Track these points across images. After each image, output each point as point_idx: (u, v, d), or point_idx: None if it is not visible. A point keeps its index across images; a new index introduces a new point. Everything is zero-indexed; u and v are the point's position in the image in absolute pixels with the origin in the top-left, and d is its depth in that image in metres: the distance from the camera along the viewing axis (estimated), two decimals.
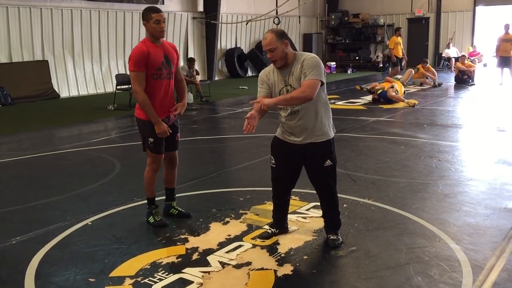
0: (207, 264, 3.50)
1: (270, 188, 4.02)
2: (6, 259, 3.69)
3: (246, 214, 4.48)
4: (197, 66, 14.80)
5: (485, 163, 6.19)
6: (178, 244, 3.86)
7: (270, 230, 3.99)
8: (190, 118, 10.19)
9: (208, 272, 3.39)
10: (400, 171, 5.81)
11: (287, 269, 3.41)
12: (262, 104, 3.43)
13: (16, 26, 13.06)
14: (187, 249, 3.76)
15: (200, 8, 17.98)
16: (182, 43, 17.63)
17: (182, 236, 4.01)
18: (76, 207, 4.79)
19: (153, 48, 3.97)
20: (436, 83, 14.78)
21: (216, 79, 18.44)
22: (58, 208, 4.81)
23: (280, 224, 4.00)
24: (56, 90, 13.83)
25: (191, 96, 12.63)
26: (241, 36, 19.89)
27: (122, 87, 12.10)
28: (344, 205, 4.55)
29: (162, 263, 3.53)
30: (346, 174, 5.62)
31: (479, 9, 21.19)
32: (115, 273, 3.40)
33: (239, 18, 19.30)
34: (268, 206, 4.50)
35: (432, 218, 4.27)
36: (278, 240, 3.88)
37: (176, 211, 4.44)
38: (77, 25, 14.32)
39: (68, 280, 3.32)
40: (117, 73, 14.51)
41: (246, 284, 3.23)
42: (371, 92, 11.98)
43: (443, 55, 20.40)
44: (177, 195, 4.54)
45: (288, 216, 4.09)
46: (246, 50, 19.90)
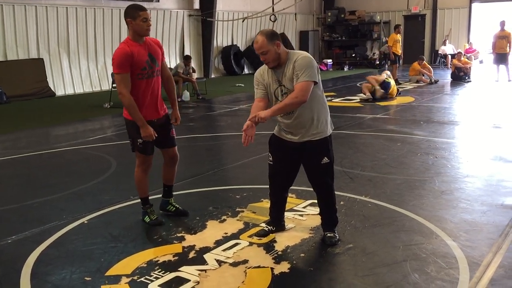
0: (204, 262, 3.49)
1: (266, 186, 4.01)
2: (2, 258, 3.67)
3: (243, 212, 4.47)
4: (193, 64, 14.76)
5: (481, 160, 6.20)
6: (175, 243, 3.84)
7: (266, 227, 3.98)
8: (186, 116, 10.16)
9: (205, 270, 3.38)
10: (397, 168, 5.81)
11: (284, 266, 3.41)
12: (259, 118, 3.39)
13: (11, 24, 12.99)
14: (183, 247, 3.75)
15: (196, 5, 17.94)
16: (178, 41, 17.59)
17: (178, 235, 3.99)
18: (72, 206, 4.77)
19: (136, 47, 3.88)
20: (433, 80, 14.81)
21: (212, 76, 18.42)
22: (54, 206, 4.79)
23: (277, 222, 4.00)
24: (51, 88, 13.78)
25: (187, 94, 12.61)
26: (237, 33, 19.86)
27: None
28: (341, 202, 4.55)
29: (159, 262, 3.52)
30: (343, 172, 5.61)
31: (475, 6, 21.23)
32: (111, 271, 3.39)
33: (235, 16, 19.27)
34: (265, 204, 4.50)
35: (429, 215, 4.27)
36: (275, 237, 3.88)
37: (174, 208, 4.42)
38: (72, 23, 14.27)
39: (64, 279, 3.31)
40: (112, 71, 14.47)
41: (243, 282, 3.22)
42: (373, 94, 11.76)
43: (439, 52, 20.41)
44: (173, 193, 4.53)
45: (285, 213, 4.08)
46: (242, 47, 19.87)
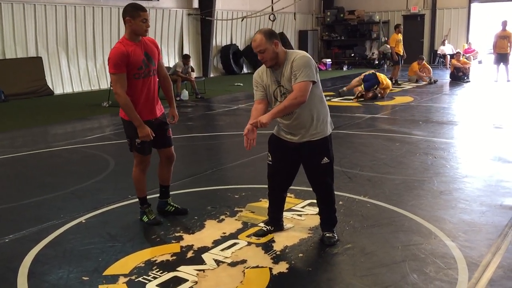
0: (202, 262, 3.48)
1: (265, 186, 3.99)
2: None
3: (241, 211, 4.45)
4: (192, 63, 14.74)
5: (480, 160, 6.19)
6: (173, 242, 3.83)
7: (265, 227, 3.97)
8: (185, 115, 10.14)
9: (203, 270, 3.36)
10: (396, 168, 5.80)
11: (282, 266, 3.39)
12: (260, 123, 3.39)
13: (9, 22, 12.97)
14: (181, 247, 3.74)
15: (195, 4, 17.92)
16: (177, 40, 17.57)
17: (176, 234, 3.98)
18: (70, 205, 4.75)
19: (132, 47, 3.85)
20: (432, 80, 14.81)
21: (211, 76, 18.40)
22: (51, 205, 4.77)
23: (275, 222, 3.98)
24: (50, 87, 13.75)
25: (186, 93, 12.59)
26: (236, 32, 19.85)
27: None
28: (340, 202, 4.53)
29: (157, 261, 3.50)
30: (342, 171, 5.60)
31: (474, 6, 21.24)
32: (109, 271, 3.37)
33: (234, 15, 19.25)
34: (264, 204, 4.48)
35: (427, 215, 4.26)
36: (273, 237, 3.86)
37: (173, 208, 4.41)
38: (71, 21, 14.25)
39: (62, 279, 3.29)
40: (108, 71, 14.42)
41: (241, 282, 3.21)
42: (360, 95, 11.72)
43: (438, 52, 20.42)
44: (171, 192, 4.52)
45: (284, 213, 4.07)
46: (241, 46, 19.86)
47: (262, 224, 4.06)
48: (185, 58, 12.94)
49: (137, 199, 4.33)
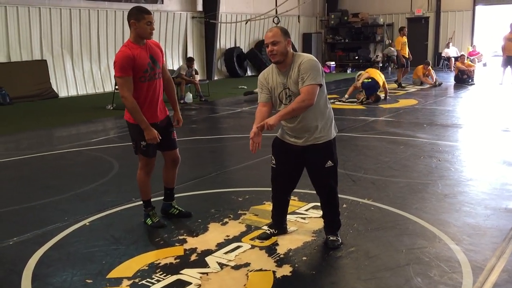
0: (206, 265, 3.48)
1: (269, 189, 3.99)
2: (3, 260, 3.66)
3: (245, 214, 4.45)
4: (196, 66, 14.77)
5: (485, 163, 6.17)
6: (177, 245, 3.83)
7: (269, 230, 3.96)
8: (189, 117, 10.16)
9: (206, 273, 3.36)
10: (400, 171, 5.78)
11: (286, 270, 3.39)
12: (268, 125, 3.41)
13: (14, 25, 13.02)
14: (185, 250, 3.74)
15: (199, 7, 17.94)
16: (181, 43, 17.61)
17: (180, 237, 3.98)
18: (74, 208, 4.76)
19: (137, 50, 3.86)
20: (437, 83, 14.77)
21: (215, 78, 18.42)
22: (56, 208, 4.78)
23: (279, 225, 3.98)
24: (54, 89, 13.79)
25: (190, 96, 12.61)
26: (240, 35, 19.86)
27: None
28: (344, 205, 4.53)
29: (160, 264, 3.50)
30: (346, 174, 5.59)
31: (479, 8, 21.18)
32: (112, 274, 3.38)
33: (238, 18, 19.27)
34: (267, 207, 4.48)
35: (432, 219, 4.25)
36: (277, 240, 3.86)
37: (177, 211, 4.41)
38: (76, 24, 14.29)
39: (65, 282, 3.29)
40: (114, 74, 14.47)
41: (245, 285, 3.20)
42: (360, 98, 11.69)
43: (442, 55, 20.37)
44: (176, 195, 4.52)
45: (287, 216, 4.07)
46: (245, 49, 19.87)
47: (265, 227, 4.06)
48: (189, 61, 12.97)
49: (141, 202, 4.33)
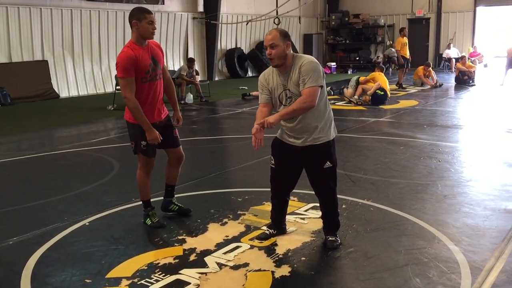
0: (205, 265, 3.48)
1: (268, 189, 4.00)
2: (3, 260, 3.67)
3: (245, 215, 4.46)
4: (197, 67, 14.78)
5: (485, 164, 6.17)
6: (176, 245, 3.83)
7: (268, 231, 3.97)
8: (189, 118, 10.17)
9: (205, 273, 3.37)
10: (400, 172, 5.78)
11: (284, 270, 3.39)
12: (268, 123, 3.42)
13: (15, 26, 13.04)
14: (184, 250, 3.74)
15: (200, 8, 17.97)
16: (182, 43, 17.62)
17: (179, 237, 3.99)
18: (74, 208, 4.77)
19: (139, 51, 3.88)
20: (437, 84, 14.77)
21: (216, 79, 18.43)
22: (55, 208, 4.79)
23: (278, 225, 3.98)
24: (55, 90, 13.81)
25: (190, 97, 12.62)
26: (241, 36, 19.88)
27: None
28: (343, 206, 4.53)
29: (159, 264, 3.51)
30: (345, 175, 5.59)
31: (480, 9, 21.18)
32: (111, 274, 3.38)
33: (239, 18, 19.28)
34: (267, 207, 4.48)
35: (431, 219, 4.25)
36: (276, 241, 3.86)
37: (176, 207, 4.44)
38: (77, 25, 14.31)
39: (65, 281, 3.30)
40: (116, 75, 14.49)
41: (243, 285, 3.21)
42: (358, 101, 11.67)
43: (443, 56, 20.37)
44: (176, 195, 4.52)
45: (286, 217, 4.07)
46: (246, 50, 19.88)
47: (264, 228, 4.06)
48: (189, 62, 12.97)
49: (140, 202, 4.34)
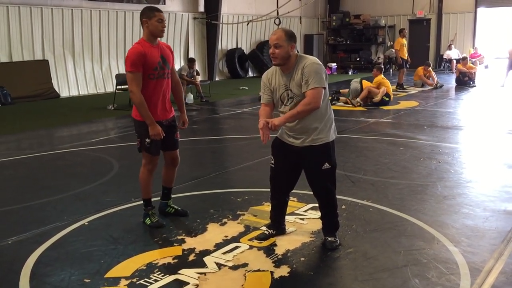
0: (204, 265, 3.48)
1: (268, 189, 4.00)
2: (2, 259, 3.67)
3: (244, 215, 4.45)
4: (197, 67, 14.79)
5: (485, 165, 6.16)
6: (175, 245, 3.83)
7: (267, 231, 3.97)
8: (190, 118, 10.04)
9: (204, 273, 3.36)
10: (399, 173, 5.78)
11: (284, 270, 3.39)
12: (272, 124, 3.45)
13: (16, 25, 13.05)
14: (183, 250, 3.74)
15: (201, 8, 17.98)
16: (182, 44, 17.62)
17: (178, 237, 3.98)
18: (73, 207, 4.77)
19: (149, 48, 3.97)
20: (438, 85, 14.77)
21: (216, 79, 18.44)
22: (55, 208, 4.78)
23: (277, 225, 3.98)
24: (56, 89, 13.82)
25: (191, 97, 12.62)
26: (242, 36, 19.88)
27: (122, 87, 12.09)
28: (343, 206, 4.53)
29: (158, 264, 3.51)
30: (345, 175, 5.59)
31: (481, 10, 21.18)
32: (110, 273, 3.38)
33: (240, 19, 19.29)
34: (266, 207, 4.48)
35: (430, 220, 4.25)
36: (275, 241, 3.86)
37: (173, 210, 4.44)
38: (77, 24, 14.32)
39: (63, 281, 3.30)
40: (117, 73, 14.51)
41: (242, 285, 3.21)
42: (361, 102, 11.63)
43: (444, 57, 20.37)
44: (175, 195, 4.53)
45: (286, 217, 4.07)
46: (247, 50, 19.89)
47: (264, 228, 4.06)
48: (190, 62, 12.97)
49: (140, 202, 4.35)
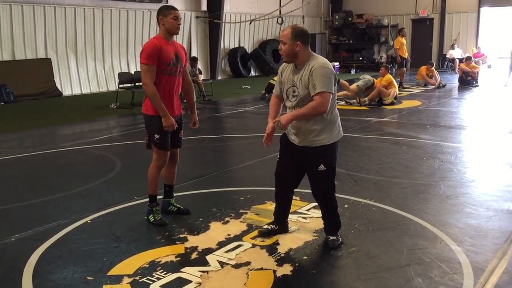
0: (206, 263, 3.48)
1: (271, 188, 4.00)
2: (5, 257, 3.67)
3: (247, 213, 4.45)
4: (200, 66, 14.78)
5: (488, 165, 6.15)
6: (178, 243, 3.83)
7: (270, 226, 3.98)
8: None
9: (207, 271, 3.36)
10: (402, 172, 5.77)
11: (286, 269, 3.39)
12: (280, 124, 3.53)
13: (19, 23, 13.07)
14: (186, 248, 3.74)
15: (204, 7, 17.97)
16: (185, 42, 17.61)
17: (181, 235, 3.99)
18: (76, 205, 4.78)
19: (165, 45, 4.08)
20: (440, 84, 14.75)
21: (219, 78, 18.43)
22: (57, 206, 4.79)
23: (280, 221, 3.98)
24: (58, 88, 13.83)
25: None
26: (244, 35, 19.87)
27: (124, 85, 12.10)
28: (345, 205, 4.52)
29: (161, 262, 3.51)
30: (348, 175, 5.59)
31: (484, 10, 21.12)
32: (113, 271, 3.38)
33: (242, 18, 19.28)
34: (269, 206, 4.48)
35: (433, 220, 4.24)
36: (278, 240, 3.86)
37: (175, 208, 4.45)
38: (80, 23, 14.34)
39: (66, 278, 3.30)
40: (120, 71, 14.50)
41: (245, 284, 3.20)
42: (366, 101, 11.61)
43: (447, 56, 20.33)
44: (178, 194, 4.54)
45: (289, 216, 4.06)
46: (249, 49, 19.88)
47: (266, 226, 4.06)
48: (192, 61, 12.97)
49: (142, 200, 4.35)
